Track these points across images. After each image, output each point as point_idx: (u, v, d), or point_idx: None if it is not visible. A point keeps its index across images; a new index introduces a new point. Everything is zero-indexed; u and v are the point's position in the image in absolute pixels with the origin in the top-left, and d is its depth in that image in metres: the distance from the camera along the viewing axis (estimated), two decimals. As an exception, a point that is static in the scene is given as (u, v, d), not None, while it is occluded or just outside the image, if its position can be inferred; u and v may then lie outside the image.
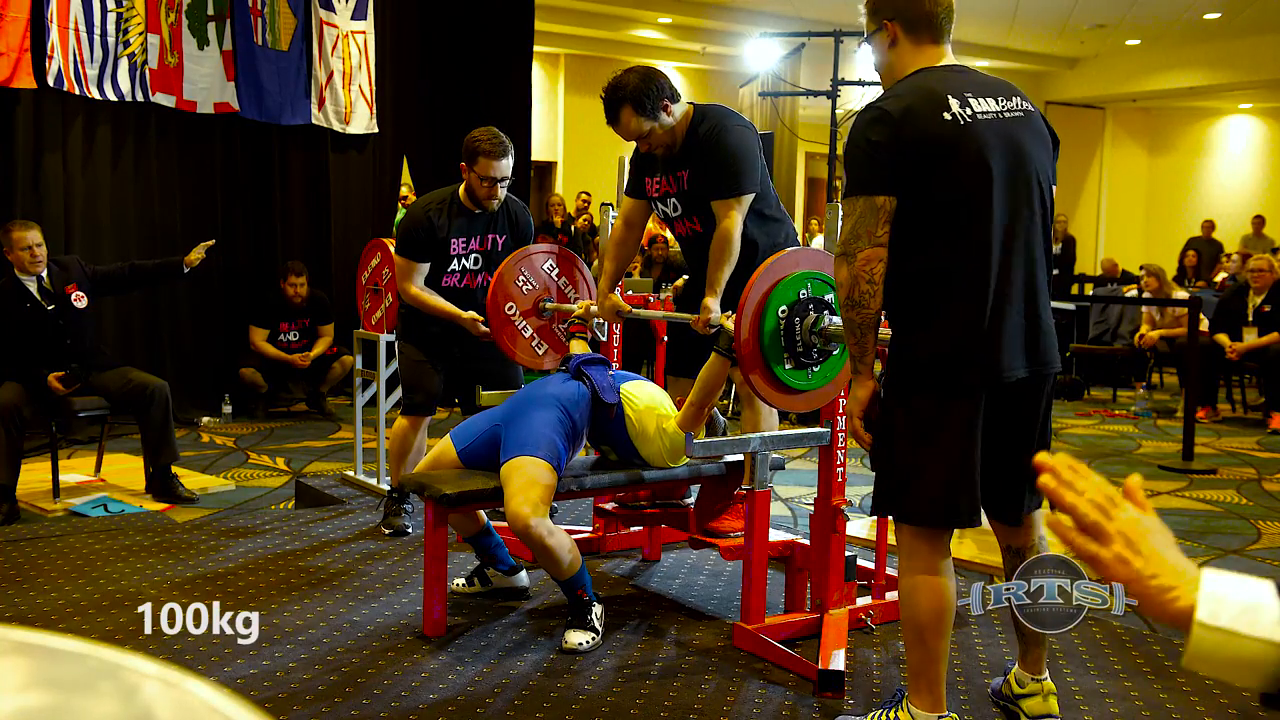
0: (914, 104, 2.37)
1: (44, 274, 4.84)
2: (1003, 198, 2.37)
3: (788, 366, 2.90)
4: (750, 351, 2.85)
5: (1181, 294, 8.12)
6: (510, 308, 3.92)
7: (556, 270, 4.01)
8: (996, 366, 2.36)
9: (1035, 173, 2.44)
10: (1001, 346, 2.36)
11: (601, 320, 3.80)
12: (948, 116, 2.35)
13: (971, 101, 2.39)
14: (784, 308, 2.86)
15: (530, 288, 3.95)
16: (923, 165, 2.34)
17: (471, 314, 4.04)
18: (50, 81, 5.88)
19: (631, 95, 3.32)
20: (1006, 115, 2.42)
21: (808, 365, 2.92)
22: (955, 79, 2.43)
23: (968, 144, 2.35)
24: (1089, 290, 11.50)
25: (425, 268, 4.08)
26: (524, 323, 3.95)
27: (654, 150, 3.45)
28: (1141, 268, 9.04)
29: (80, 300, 4.91)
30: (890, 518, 2.50)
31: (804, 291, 2.89)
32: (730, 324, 2.91)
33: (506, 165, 3.98)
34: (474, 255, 4.13)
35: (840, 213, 3.06)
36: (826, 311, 2.90)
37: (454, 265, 4.11)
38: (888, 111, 2.37)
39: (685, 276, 4.15)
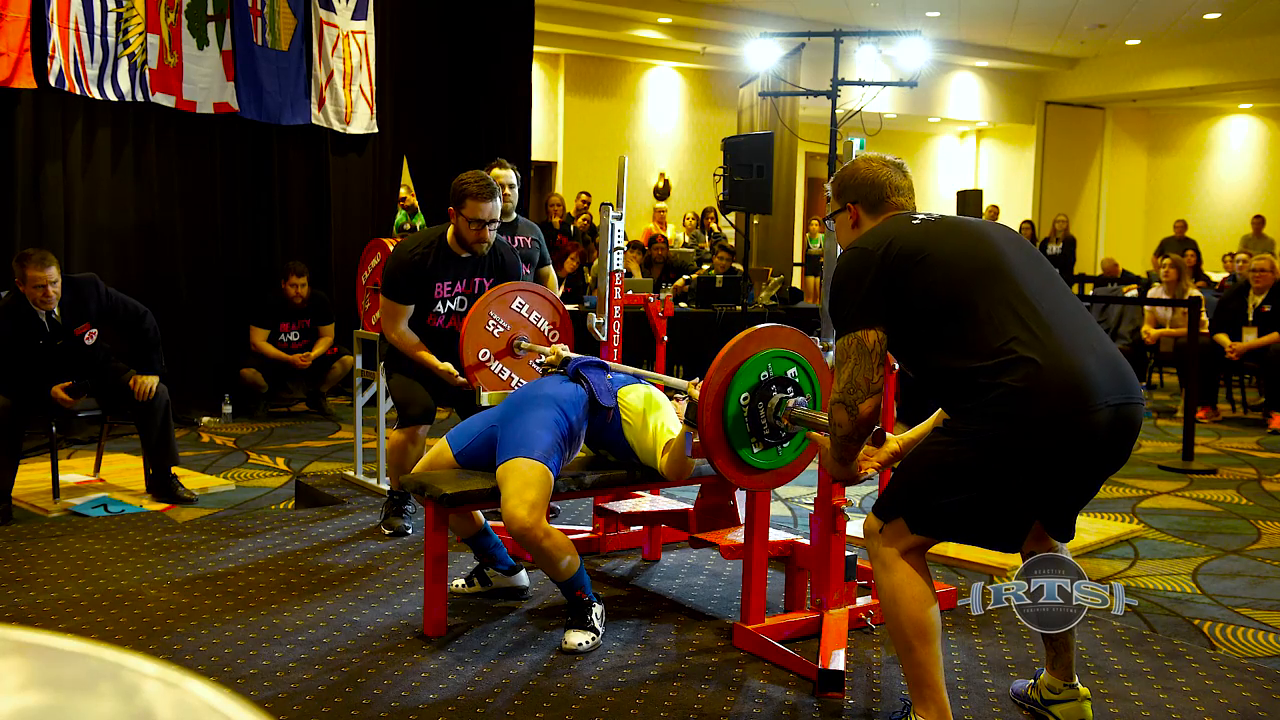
0: (885, 230, 2.46)
1: (55, 310, 4.61)
2: (1009, 250, 2.42)
3: (755, 450, 2.84)
4: (713, 438, 2.78)
5: (1194, 291, 8.11)
6: (483, 354, 3.90)
7: (527, 306, 3.99)
8: (1084, 399, 2.24)
9: (1007, 230, 2.58)
10: (1085, 380, 2.25)
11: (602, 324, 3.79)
12: (916, 222, 2.47)
13: (930, 213, 2.54)
14: (745, 394, 2.79)
15: (501, 330, 3.93)
16: (918, 271, 2.35)
17: (447, 366, 4.01)
18: (51, 81, 5.87)
19: None
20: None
21: (775, 444, 2.87)
22: (914, 214, 2.56)
23: (949, 227, 2.46)
24: (1089, 290, 11.51)
25: (410, 310, 4.05)
26: (499, 364, 3.94)
27: None
28: (1164, 256, 9.06)
29: (91, 338, 4.73)
30: (880, 520, 2.47)
31: (764, 374, 2.81)
32: (698, 393, 2.83)
33: (494, 208, 3.94)
34: (460, 298, 4.10)
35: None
36: (791, 389, 2.84)
37: (439, 307, 4.08)
38: (864, 249, 2.44)
39: (686, 276, 4.14)
